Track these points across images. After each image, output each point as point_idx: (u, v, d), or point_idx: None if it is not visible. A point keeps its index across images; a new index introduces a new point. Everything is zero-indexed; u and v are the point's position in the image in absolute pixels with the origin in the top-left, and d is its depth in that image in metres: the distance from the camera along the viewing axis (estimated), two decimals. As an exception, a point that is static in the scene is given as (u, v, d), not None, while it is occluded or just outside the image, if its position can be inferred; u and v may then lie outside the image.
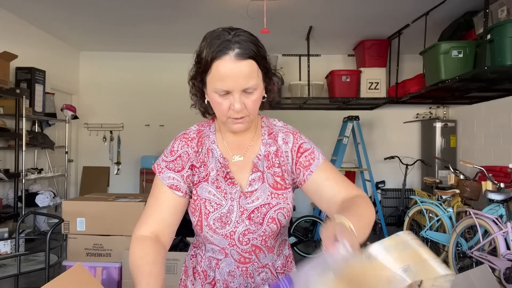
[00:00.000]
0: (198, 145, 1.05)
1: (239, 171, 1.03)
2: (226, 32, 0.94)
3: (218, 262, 1.04)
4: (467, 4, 4.18)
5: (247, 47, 0.92)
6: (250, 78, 0.92)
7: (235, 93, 0.92)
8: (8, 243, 2.68)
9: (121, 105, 6.34)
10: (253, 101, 0.96)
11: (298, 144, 1.07)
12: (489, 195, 3.28)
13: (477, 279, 1.80)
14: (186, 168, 1.03)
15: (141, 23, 4.95)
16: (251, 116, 0.98)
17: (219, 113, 0.98)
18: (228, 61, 0.90)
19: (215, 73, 0.92)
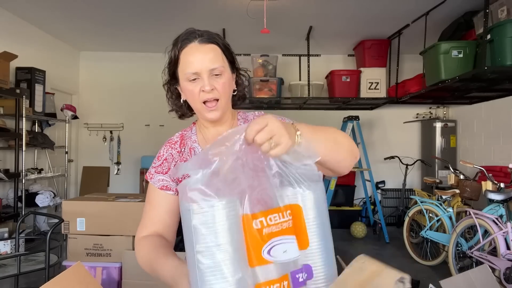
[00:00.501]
0: (180, 146, 1.13)
1: None
2: (191, 29, 1.06)
3: None
4: (467, 4, 4.18)
5: (209, 34, 1.05)
6: (215, 60, 1.01)
7: (203, 74, 1.00)
8: (8, 243, 2.68)
9: (121, 105, 6.34)
10: (222, 84, 1.02)
11: (257, 115, 1.15)
12: (489, 195, 3.28)
13: (477, 279, 1.80)
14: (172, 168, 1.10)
15: (141, 23, 4.95)
16: (223, 101, 1.04)
17: (192, 100, 1.04)
18: (193, 47, 1.02)
19: (184, 60, 1.02)
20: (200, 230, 0.71)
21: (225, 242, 0.71)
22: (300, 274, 0.77)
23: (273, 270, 0.74)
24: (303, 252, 0.78)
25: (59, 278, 1.23)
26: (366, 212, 5.84)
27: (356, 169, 5.59)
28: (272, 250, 0.75)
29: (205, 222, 0.71)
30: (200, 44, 1.02)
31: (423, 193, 4.95)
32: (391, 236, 5.22)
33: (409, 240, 4.42)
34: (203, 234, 0.71)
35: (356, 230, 5.33)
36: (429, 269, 3.99)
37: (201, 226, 0.71)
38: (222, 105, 1.05)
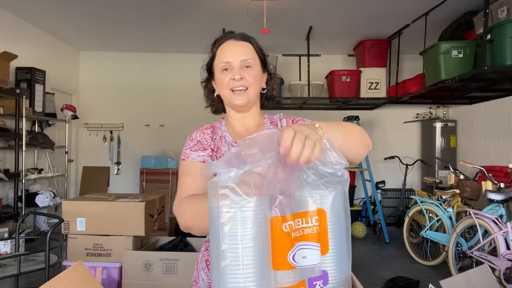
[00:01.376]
0: (212, 133, 1.20)
1: None
2: (229, 31, 1.18)
3: None
4: (467, 4, 4.18)
5: (245, 34, 1.17)
6: (247, 54, 1.12)
7: (234, 64, 1.11)
8: (8, 243, 2.68)
9: (121, 105, 6.34)
10: (252, 76, 1.12)
11: (292, 119, 1.22)
12: (489, 195, 3.28)
13: (477, 279, 1.80)
14: (209, 149, 1.15)
15: (141, 23, 4.95)
16: (251, 90, 1.12)
17: (222, 87, 1.13)
18: (228, 43, 1.14)
19: (219, 54, 1.14)
20: (228, 228, 0.70)
21: (251, 242, 0.70)
22: (318, 281, 0.77)
23: (293, 276, 0.74)
24: (323, 257, 0.78)
25: (60, 278, 1.23)
26: (366, 212, 5.84)
27: (356, 169, 5.59)
28: (295, 255, 0.74)
29: (233, 221, 0.70)
30: (235, 40, 1.14)
31: (423, 193, 4.95)
32: (391, 236, 5.22)
33: (409, 240, 4.42)
34: (230, 233, 0.70)
35: (356, 230, 5.34)
36: (429, 269, 3.99)
37: (229, 224, 0.70)
38: (250, 94, 1.13)
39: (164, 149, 6.02)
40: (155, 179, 5.63)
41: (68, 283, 1.24)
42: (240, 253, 0.69)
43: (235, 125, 1.21)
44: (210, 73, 1.20)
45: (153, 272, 2.60)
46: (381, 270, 3.95)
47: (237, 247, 0.69)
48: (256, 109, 1.21)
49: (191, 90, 6.28)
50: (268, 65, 1.21)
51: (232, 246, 0.70)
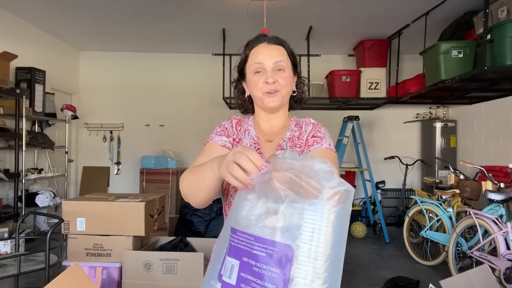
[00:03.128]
0: (237, 124, 1.25)
1: (268, 151, 1.19)
2: (262, 34, 1.22)
3: None
4: (467, 4, 4.18)
5: (278, 38, 1.21)
6: (280, 56, 1.16)
7: (267, 67, 1.14)
8: (8, 243, 2.68)
9: (121, 105, 6.34)
10: (284, 78, 1.15)
11: (314, 132, 1.22)
12: (489, 195, 3.28)
13: (477, 279, 1.80)
14: (231, 138, 1.21)
15: (141, 23, 4.95)
16: (283, 92, 1.16)
17: (255, 89, 1.16)
18: (262, 46, 1.17)
19: (252, 56, 1.17)
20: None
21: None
22: None
23: None
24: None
25: (57, 281, 1.23)
26: (366, 212, 5.84)
27: (356, 169, 5.59)
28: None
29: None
30: (268, 44, 1.18)
31: (423, 193, 4.95)
32: (391, 236, 5.22)
33: (409, 240, 4.42)
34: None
35: (356, 230, 5.34)
36: (429, 269, 3.99)
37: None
38: (282, 96, 1.16)
39: (164, 149, 6.02)
40: (155, 179, 5.63)
41: (67, 285, 1.24)
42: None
43: (261, 124, 1.25)
44: (241, 74, 1.23)
45: (153, 272, 2.60)
46: (381, 270, 3.95)
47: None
48: (284, 111, 1.25)
49: (191, 90, 6.30)
50: (298, 68, 1.25)
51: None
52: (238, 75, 1.25)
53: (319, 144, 1.16)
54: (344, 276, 3.81)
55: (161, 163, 5.71)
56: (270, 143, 1.21)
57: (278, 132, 1.23)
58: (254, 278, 0.71)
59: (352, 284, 3.60)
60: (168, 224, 4.97)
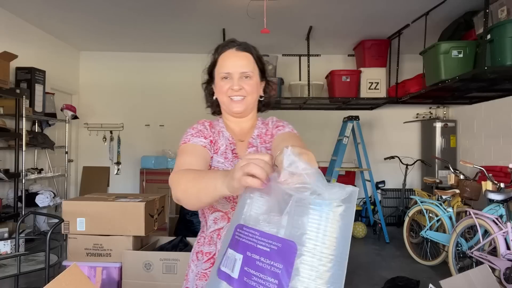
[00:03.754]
0: (210, 126, 1.26)
1: (241, 150, 1.23)
2: (232, 39, 1.25)
3: (220, 231, 1.14)
4: (467, 4, 4.18)
5: (246, 45, 1.23)
6: (247, 66, 1.18)
7: (234, 75, 1.17)
8: (8, 243, 2.68)
9: (121, 105, 6.34)
10: (250, 85, 1.19)
11: (276, 123, 1.28)
12: (489, 195, 3.28)
13: (477, 279, 1.80)
14: (208, 139, 1.21)
15: (141, 23, 4.95)
16: (248, 98, 1.19)
17: (221, 94, 1.20)
18: (230, 52, 1.20)
19: (221, 62, 1.20)
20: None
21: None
22: None
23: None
24: None
25: (56, 282, 1.23)
26: (366, 212, 5.84)
27: (356, 169, 5.59)
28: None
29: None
30: (237, 51, 1.20)
31: (423, 193, 4.95)
32: (391, 236, 5.22)
33: (409, 240, 4.42)
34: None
35: (356, 230, 5.34)
36: (429, 269, 3.99)
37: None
38: (247, 102, 1.20)
39: (164, 149, 6.02)
40: (155, 179, 5.63)
41: (65, 286, 1.24)
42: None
43: (231, 126, 1.28)
44: (210, 76, 1.26)
45: (153, 272, 2.60)
46: (381, 270, 3.95)
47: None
48: (253, 115, 1.29)
49: (191, 90, 6.28)
50: (266, 74, 1.28)
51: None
52: (207, 77, 1.29)
53: (282, 130, 1.22)
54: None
55: (161, 163, 5.71)
56: (242, 142, 1.25)
57: (248, 132, 1.28)
58: (257, 272, 0.72)
59: (352, 284, 3.60)
60: (168, 224, 4.97)
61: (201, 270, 1.14)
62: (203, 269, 1.14)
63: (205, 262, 1.14)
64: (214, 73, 1.24)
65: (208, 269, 1.13)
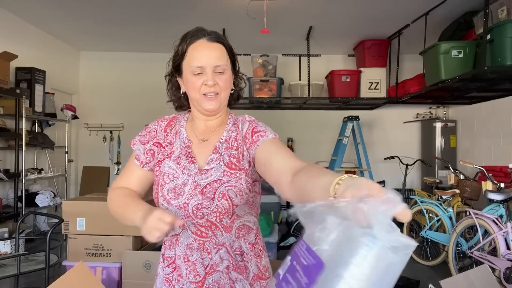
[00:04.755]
0: (167, 126, 1.20)
1: (201, 152, 1.15)
2: (200, 27, 1.14)
3: (178, 237, 1.12)
4: (467, 4, 4.18)
5: (217, 34, 1.13)
6: (220, 58, 1.10)
7: (207, 69, 1.08)
8: (8, 243, 2.68)
9: (121, 105, 6.34)
10: (224, 80, 1.11)
11: (252, 127, 1.15)
12: (489, 195, 3.28)
13: (477, 279, 1.80)
14: (151, 143, 1.18)
15: (141, 23, 4.95)
16: (222, 95, 1.12)
17: (193, 91, 1.11)
18: (201, 43, 1.10)
19: (191, 54, 1.10)
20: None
21: None
22: None
23: None
24: None
25: (64, 278, 1.23)
26: (366, 212, 5.83)
27: (356, 169, 5.59)
28: None
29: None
30: (208, 41, 1.10)
31: (423, 193, 4.95)
32: (391, 236, 5.21)
33: (409, 240, 4.42)
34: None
35: (356, 230, 5.33)
36: (429, 269, 3.99)
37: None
38: (221, 99, 1.13)
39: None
40: (155, 179, 5.63)
41: (73, 284, 1.25)
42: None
43: (196, 123, 1.19)
44: (177, 69, 1.16)
45: (153, 272, 2.60)
46: (381, 270, 3.94)
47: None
48: (223, 110, 1.20)
49: (191, 90, 6.29)
50: (237, 65, 1.20)
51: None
52: (172, 70, 1.18)
53: (265, 137, 1.11)
54: (344, 276, 3.83)
55: (161, 163, 5.71)
56: (205, 142, 1.16)
57: (214, 130, 1.18)
58: (293, 281, 0.72)
59: (352, 284, 3.59)
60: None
61: (165, 275, 1.14)
62: (166, 273, 1.14)
63: (167, 266, 1.14)
64: (182, 66, 1.13)
65: (169, 274, 1.12)
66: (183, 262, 1.10)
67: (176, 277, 1.11)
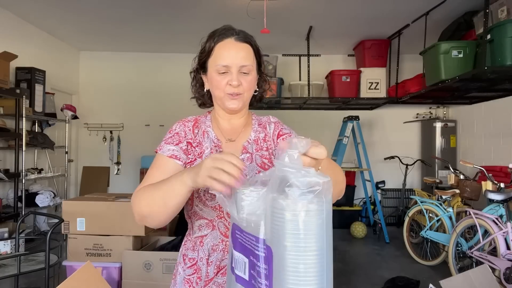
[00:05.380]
0: (194, 126, 1.17)
1: (231, 151, 1.12)
2: (229, 26, 1.14)
3: (203, 239, 1.10)
4: (467, 4, 4.18)
5: (246, 34, 1.12)
6: (247, 59, 1.09)
7: (233, 69, 1.07)
8: (8, 243, 2.68)
9: (121, 105, 6.34)
10: (248, 82, 1.10)
11: (278, 129, 1.20)
12: (489, 195, 3.28)
13: (477, 279, 1.81)
14: (184, 142, 1.13)
15: (141, 23, 4.95)
16: (245, 95, 1.11)
17: (217, 90, 1.11)
18: (228, 42, 1.09)
19: (217, 53, 1.09)
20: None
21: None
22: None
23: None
24: None
25: (73, 278, 1.24)
26: (366, 212, 5.84)
27: (356, 169, 5.59)
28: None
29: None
30: (236, 41, 1.09)
31: (423, 193, 4.95)
32: (391, 236, 5.22)
33: (409, 240, 4.42)
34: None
35: (356, 230, 5.34)
36: (429, 269, 3.99)
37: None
38: (244, 99, 1.12)
39: (164, 149, 6.02)
40: (155, 179, 5.63)
41: (81, 284, 1.25)
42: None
43: (221, 122, 1.19)
44: (202, 66, 1.15)
45: (153, 272, 2.60)
46: (381, 270, 3.95)
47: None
48: (245, 110, 1.20)
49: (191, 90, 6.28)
50: (262, 66, 1.19)
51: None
52: (197, 66, 1.17)
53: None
54: (344, 276, 3.81)
55: (161, 163, 5.70)
56: (233, 142, 1.16)
57: (241, 131, 1.18)
58: (257, 276, 0.76)
59: (352, 284, 3.60)
60: (168, 224, 4.97)
61: (186, 276, 1.13)
62: (187, 274, 1.12)
63: (189, 268, 1.12)
64: (207, 64, 1.12)
65: (191, 275, 1.11)
66: (204, 264, 1.10)
67: (196, 279, 1.11)
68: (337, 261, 4.18)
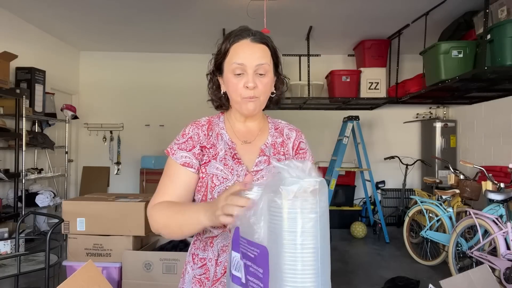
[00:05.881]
0: (208, 129, 1.16)
1: (246, 154, 1.14)
2: (245, 27, 1.12)
3: (213, 239, 1.10)
4: (467, 4, 4.18)
5: (262, 35, 1.10)
6: (263, 58, 1.07)
7: (248, 69, 1.06)
8: (8, 243, 2.67)
9: (121, 105, 6.34)
10: (265, 84, 1.09)
11: (298, 141, 1.21)
12: (489, 195, 3.28)
13: (477, 279, 1.81)
14: (197, 147, 1.12)
15: (141, 23, 4.95)
16: (261, 98, 1.10)
17: (234, 92, 1.09)
18: (245, 43, 1.07)
19: (233, 53, 1.07)
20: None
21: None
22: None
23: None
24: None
25: (74, 278, 1.24)
26: (366, 212, 5.84)
27: (356, 169, 5.59)
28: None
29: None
30: (252, 42, 1.08)
31: (423, 193, 4.95)
32: (391, 236, 5.22)
33: (409, 240, 4.42)
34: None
35: (356, 230, 5.34)
36: (429, 269, 3.99)
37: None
38: (260, 102, 1.11)
39: (164, 149, 6.02)
40: (155, 179, 5.62)
41: (83, 283, 1.25)
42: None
43: (236, 124, 1.18)
44: (219, 68, 1.14)
45: (153, 272, 2.60)
46: (381, 270, 3.95)
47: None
48: (261, 113, 1.20)
49: (191, 90, 6.29)
50: (280, 68, 1.17)
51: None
52: (214, 68, 1.16)
53: (305, 158, 1.16)
54: (344, 276, 3.81)
55: (161, 163, 5.71)
56: (249, 144, 1.15)
57: (257, 134, 1.18)
58: (252, 278, 0.79)
59: (352, 284, 3.60)
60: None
61: (196, 275, 1.12)
62: (197, 274, 1.12)
63: (199, 267, 1.12)
64: (223, 65, 1.11)
65: (202, 275, 1.11)
66: (213, 265, 1.10)
67: (204, 279, 1.11)
68: (337, 261, 4.18)
